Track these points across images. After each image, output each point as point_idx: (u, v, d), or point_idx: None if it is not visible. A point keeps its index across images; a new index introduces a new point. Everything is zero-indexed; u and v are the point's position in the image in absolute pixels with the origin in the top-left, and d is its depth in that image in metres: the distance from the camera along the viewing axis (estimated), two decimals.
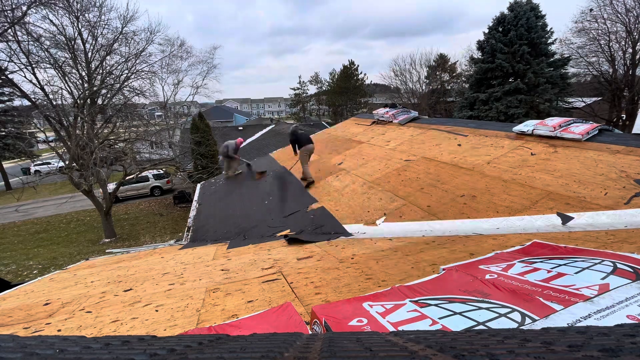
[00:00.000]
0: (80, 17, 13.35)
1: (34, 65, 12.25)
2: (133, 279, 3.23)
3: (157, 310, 2.16)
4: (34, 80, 12.44)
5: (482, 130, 5.61)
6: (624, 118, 20.71)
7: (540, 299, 1.25)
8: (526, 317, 1.14)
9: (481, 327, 1.12)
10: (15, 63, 12.02)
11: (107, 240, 13.70)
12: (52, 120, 12.52)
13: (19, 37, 11.67)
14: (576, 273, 1.42)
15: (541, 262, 1.65)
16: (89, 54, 14.22)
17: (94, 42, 14.34)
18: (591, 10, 20.64)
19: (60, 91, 13.27)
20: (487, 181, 3.99)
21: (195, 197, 8.73)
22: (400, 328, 1.15)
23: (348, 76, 35.44)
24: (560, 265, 1.55)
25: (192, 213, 7.44)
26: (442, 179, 4.45)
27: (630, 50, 19.88)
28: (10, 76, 12.43)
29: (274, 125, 28.52)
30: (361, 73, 36.02)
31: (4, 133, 24.85)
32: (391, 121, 8.08)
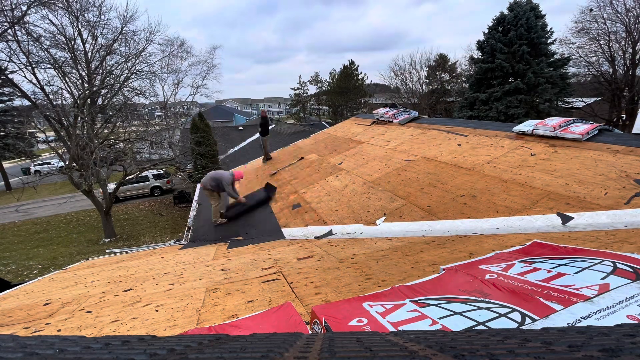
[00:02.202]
0: (80, 17, 13.35)
1: (33, 65, 12.24)
2: (133, 279, 3.23)
3: (157, 310, 2.16)
4: (34, 80, 12.44)
5: (482, 130, 5.61)
6: (624, 118, 20.71)
7: (540, 299, 1.25)
8: (526, 317, 1.14)
9: (481, 327, 1.12)
10: (15, 63, 12.01)
11: (107, 240, 13.69)
12: (52, 120, 12.50)
13: (19, 37, 11.66)
14: (576, 273, 1.42)
15: (541, 262, 1.65)
16: (89, 54, 14.21)
17: (93, 42, 14.33)
18: (591, 10, 20.63)
19: (60, 91, 13.26)
20: (487, 181, 3.99)
21: (195, 197, 8.73)
22: (400, 328, 1.15)
23: (348, 76, 35.40)
24: (560, 265, 1.55)
25: (192, 213, 7.44)
26: (442, 179, 4.45)
27: (630, 50, 19.87)
28: (10, 76, 12.41)
29: (274, 125, 28.52)
30: (361, 73, 36.02)
31: (4, 133, 24.83)
32: (391, 121, 8.09)
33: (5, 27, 11.16)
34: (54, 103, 12.91)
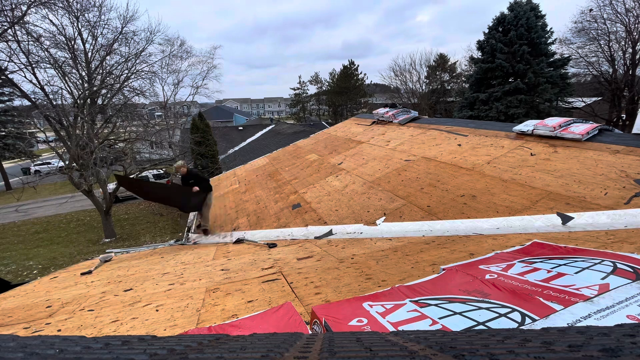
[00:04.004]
0: (80, 17, 13.37)
1: (33, 65, 12.25)
2: (133, 279, 3.23)
3: (157, 310, 2.16)
4: (34, 80, 12.45)
5: (482, 130, 5.61)
6: (624, 118, 20.73)
7: (540, 299, 1.25)
8: (526, 317, 1.14)
9: (481, 327, 1.12)
10: (15, 63, 12.01)
11: (107, 240, 13.70)
12: (52, 120, 12.51)
13: (19, 37, 11.67)
14: (576, 273, 1.42)
15: (541, 262, 1.65)
16: (89, 54, 14.22)
17: (94, 42, 14.35)
18: (591, 10, 20.66)
19: (60, 91, 13.28)
20: (487, 181, 3.99)
21: None
22: (400, 328, 1.15)
23: (348, 76, 35.44)
24: (560, 265, 1.55)
25: (192, 213, 7.43)
26: (442, 179, 4.45)
27: (630, 50, 19.90)
28: (10, 76, 12.42)
29: (274, 125, 28.56)
30: (361, 73, 36.05)
31: (4, 133, 24.87)
32: (391, 121, 8.09)
33: (5, 27, 11.16)
34: (54, 103, 12.92)
